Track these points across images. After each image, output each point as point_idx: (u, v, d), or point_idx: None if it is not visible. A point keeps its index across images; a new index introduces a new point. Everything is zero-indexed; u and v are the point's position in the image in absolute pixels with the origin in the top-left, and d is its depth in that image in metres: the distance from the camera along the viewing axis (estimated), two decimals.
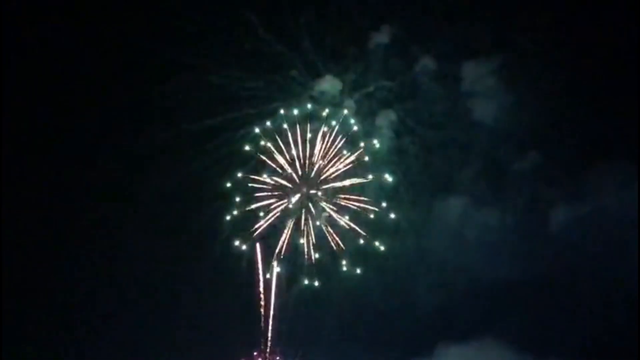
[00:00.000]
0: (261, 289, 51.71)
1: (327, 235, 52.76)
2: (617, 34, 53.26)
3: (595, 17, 54.46)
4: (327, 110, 56.10)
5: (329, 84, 57.60)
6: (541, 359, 50.87)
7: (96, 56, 55.41)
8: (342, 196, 53.73)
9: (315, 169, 53.86)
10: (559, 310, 51.95)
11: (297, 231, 53.03)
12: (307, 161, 53.90)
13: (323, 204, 53.36)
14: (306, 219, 53.16)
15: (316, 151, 54.04)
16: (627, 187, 52.29)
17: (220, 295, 51.23)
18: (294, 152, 53.84)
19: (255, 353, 51.08)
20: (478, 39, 56.54)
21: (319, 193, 53.71)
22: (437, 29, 56.76)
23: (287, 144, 54.12)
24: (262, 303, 51.44)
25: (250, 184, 53.66)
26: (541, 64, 55.60)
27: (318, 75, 57.29)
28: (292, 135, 54.12)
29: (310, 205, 53.52)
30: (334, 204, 53.50)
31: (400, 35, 57.66)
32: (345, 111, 56.67)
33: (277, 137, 54.28)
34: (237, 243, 52.82)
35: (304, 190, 53.57)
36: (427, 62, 57.76)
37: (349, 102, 57.77)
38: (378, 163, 54.97)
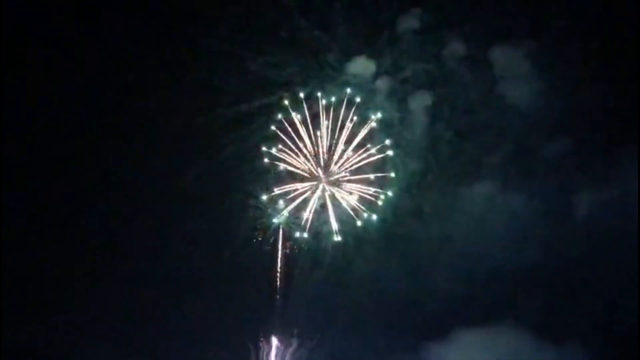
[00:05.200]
0: (279, 271, 53.71)
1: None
2: None
3: (629, 2, 53.34)
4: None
5: (361, 67, 58.61)
6: (559, 345, 51.31)
7: (134, 40, 56.74)
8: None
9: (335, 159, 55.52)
10: (579, 297, 52.18)
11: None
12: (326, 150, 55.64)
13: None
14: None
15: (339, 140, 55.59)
16: None
17: (239, 277, 52.58)
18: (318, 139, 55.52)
19: (272, 335, 52.43)
20: (509, 23, 56.49)
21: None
22: (468, 13, 57.11)
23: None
24: (279, 284, 53.32)
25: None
26: (572, 49, 55.02)
27: (350, 59, 58.29)
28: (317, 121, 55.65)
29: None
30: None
31: (430, 19, 58.11)
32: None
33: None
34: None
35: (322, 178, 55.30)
36: (457, 46, 57.96)
37: (382, 85, 58.87)
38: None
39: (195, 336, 52.84)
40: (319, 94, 56.13)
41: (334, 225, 54.03)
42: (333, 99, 56.21)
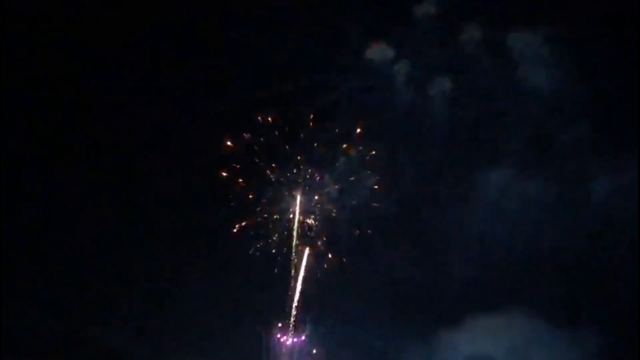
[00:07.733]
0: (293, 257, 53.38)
1: None
2: None
3: None
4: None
5: (380, 53, 58.78)
6: (574, 332, 51.23)
7: (153, 31, 57.12)
8: None
9: None
10: (594, 283, 52.06)
11: None
12: None
13: None
14: None
15: None
16: None
17: (251, 263, 52.31)
18: None
19: (283, 323, 52.30)
20: (528, 8, 56.02)
21: None
22: None
23: None
24: (293, 272, 52.94)
25: None
26: (592, 33, 54.27)
27: (368, 45, 58.53)
28: None
29: None
30: None
31: (448, 4, 58.05)
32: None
33: None
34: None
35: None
36: (475, 32, 57.74)
37: (400, 70, 59.00)
38: None
39: (206, 323, 53.13)
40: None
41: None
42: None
